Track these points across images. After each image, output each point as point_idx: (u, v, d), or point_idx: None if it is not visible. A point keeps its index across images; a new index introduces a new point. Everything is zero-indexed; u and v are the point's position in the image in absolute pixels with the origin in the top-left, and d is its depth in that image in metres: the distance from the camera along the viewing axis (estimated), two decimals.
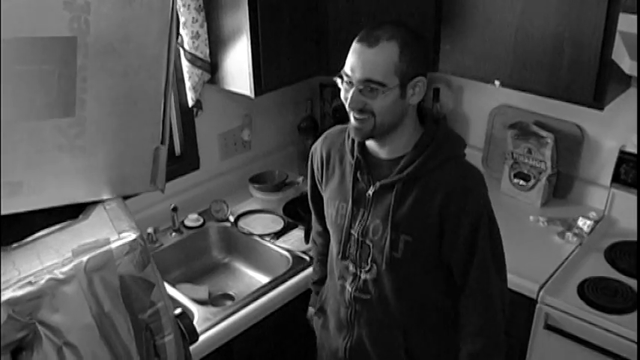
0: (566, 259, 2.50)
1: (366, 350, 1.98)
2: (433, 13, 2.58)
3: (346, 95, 1.74)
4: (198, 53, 2.51)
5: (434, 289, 1.90)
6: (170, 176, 2.70)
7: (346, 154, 1.91)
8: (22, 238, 1.09)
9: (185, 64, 2.54)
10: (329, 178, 1.98)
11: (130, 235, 1.05)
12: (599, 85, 2.25)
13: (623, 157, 2.62)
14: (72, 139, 1.09)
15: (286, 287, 2.38)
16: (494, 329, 1.86)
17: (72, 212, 1.15)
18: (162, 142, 1.16)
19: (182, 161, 2.80)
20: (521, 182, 2.87)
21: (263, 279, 2.55)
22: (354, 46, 1.71)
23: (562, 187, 2.87)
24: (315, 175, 2.08)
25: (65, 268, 1.02)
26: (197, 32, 2.47)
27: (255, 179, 2.94)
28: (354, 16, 2.57)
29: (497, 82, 2.49)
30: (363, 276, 1.90)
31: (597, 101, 2.29)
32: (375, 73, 1.67)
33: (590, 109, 2.34)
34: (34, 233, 1.10)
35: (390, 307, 1.89)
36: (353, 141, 1.88)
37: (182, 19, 2.42)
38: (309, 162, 2.11)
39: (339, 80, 1.76)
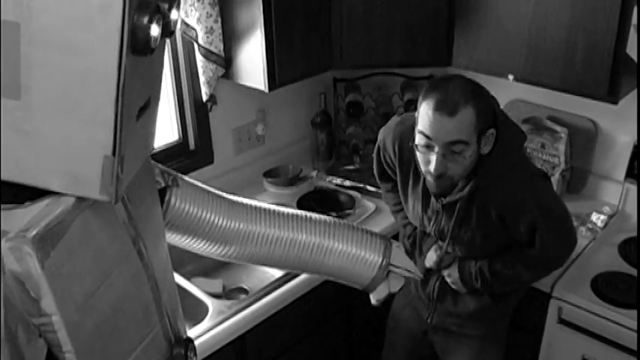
0: (580, 253, 2.50)
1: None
2: (446, 8, 2.58)
3: (426, 158, 1.87)
4: (212, 48, 2.52)
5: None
6: (184, 170, 2.72)
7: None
8: None
9: (199, 58, 2.55)
10: (404, 174, 2.14)
11: (22, 237, 1.02)
12: (613, 79, 2.25)
13: (637, 152, 2.60)
14: (18, 121, 1.06)
15: (300, 281, 2.38)
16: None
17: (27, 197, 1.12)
18: (113, 153, 1.11)
19: (196, 156, 2.81)
20: None
21: (277, 272, 2.55)
22: (433, 115, 1.79)
23: (576, 182, 2.87)
24: (389, 162, 2.21)
25: None
26: (211, 27, 2.48)
27: (269, 173, 2.95)
28: (367, 12, 2.57)
29: (510, 77, 2.48)
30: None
31: (611, 95, 2.29)
32: (459, 134, 1.79)
33: (604, 103, 2.34)
34: None
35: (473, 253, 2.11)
36: None
37: (196, 14, 2.44)
38: (378, 151, 2.24)
39: (417, 138, 1.87)
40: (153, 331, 1.35)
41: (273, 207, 1.77)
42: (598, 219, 2.62)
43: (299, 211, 1.80)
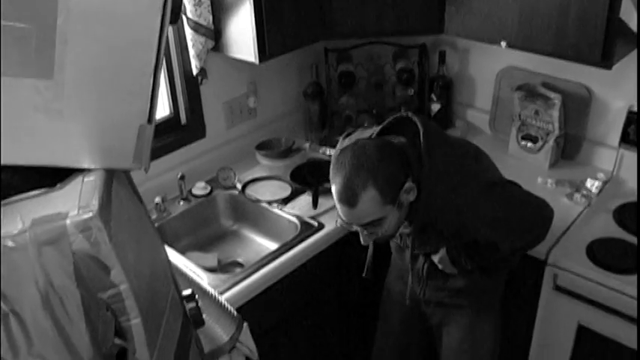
0: (575, 220, 2.50)
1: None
2: None
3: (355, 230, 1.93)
4: (201, 20, 2.49)
5: None
6: (176, 145, 2.74)
7: None
8: None
9: (188, 31, 2.52)
10: None
11: (88, 213, 1.02)
12: (606, 44, 2.22)
13: (632, 117, 2.59)
14: (49, 101, 1.06)
15: (295, 253, 2.38)
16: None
17: (52, 180, 1.13)
18: (149, 121, 1.12)
19: (188, 130, 2.79)
20: (529, 144, 2.86)
21: (271, 245, 2.55)
22: (338, 205, 1.84)
23: (570, 148, 2.86)
24: None
25: (18, 237, 1.00)
26: None
27: (262, 146, 2.93)
28: None
29: (503, 43, 2.46)
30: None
31: (605, 60, 2.26)
32: (369, 217, 1.83)
33: (597, 68, 2.31)
34: (9, 197, 1.08)
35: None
36: None
37: None
38: None
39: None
40: (171, 290, 1.38)
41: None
42: (592, 185, 2.62)
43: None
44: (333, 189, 1.82)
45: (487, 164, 2.02)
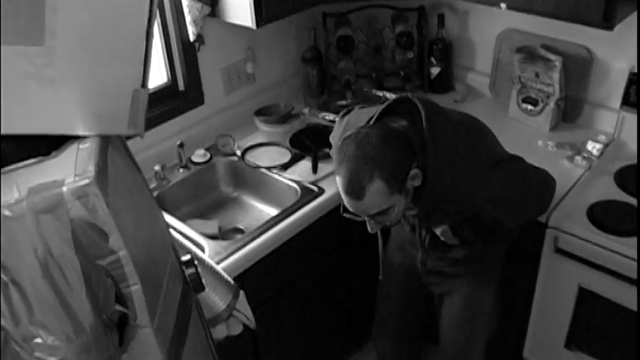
0: (576, 183, 2.49)
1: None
2: None
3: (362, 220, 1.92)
4: None
5: None
6: (175, 113, 2.72)
7: None
8: None
9: None
10: None
11: (84, 180, 1.01)
12: (608, 5, 2.19)
13: (633, 79, 2.57)
14: (40, 68, 1.04)
15: (295, 218, 2.38)
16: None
17: (47, 148, 1.12)
18: (143, 86, 1.11)
19: (186, 97, 2.77)
20: (530, 107, 2.84)
21: (272, 211, 2.55)
22: (344, 197, 1.82)
23: (571, 110, 2.84)
24: None
25: (15, 206, 1.00)
26: None
27: (261, 112, 2.92)
28: None
29: (503, 5, 2.43)
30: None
31: (606, 21, 2.23)
32: (377, 208, 1.81)
33: (598, 29, 2.29)
34: (4, 166, 1.07)
35: None
36: None
37: None
38: None
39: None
40: (170, 256, 1.38)
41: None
42: (594, 148, 2.60)
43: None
44: (339, 181, 1.80)
45: (490, 140, 2.01)
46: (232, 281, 1.79)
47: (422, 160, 1.82)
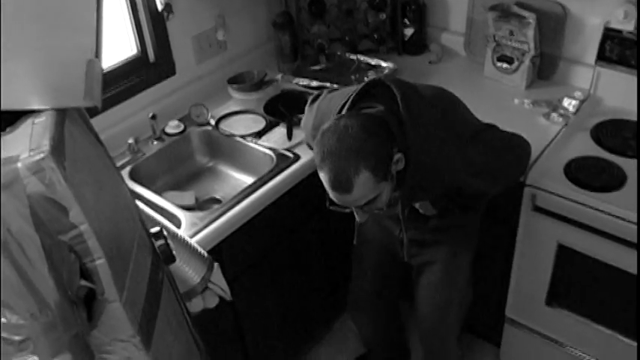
0: (553, 140, 2.48)
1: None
2: None
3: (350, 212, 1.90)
4: None
5: None
6: (146, 84, 2.67)
7: None
8: None
9: None
10: None
11: (39, 154, 0.99)
12: None
13: (608, 34, 2.55)
14: None
15: (272, 186, 2.35)
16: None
17: (1, 125, 1.09)
18: (96, 55, 1.08)
19: (157, 68, 2.72)
20: (505, 65, 2.82)
21: (248, 180, 2.52)
22: (331, 193, 1.78)
23: (546, 68, 2.82)
24: None
25: None
26: None
27: (234, 80, 2.88)
28: None
29: None
30: None
31: None
32: (365, 198, 1.78)
33: None
34: None
35: None
36: None
37: None
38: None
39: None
40: (138, 228, 1.35)
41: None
42: (570, 104, 2.59)
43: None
44: (323, 177, 1.76)
45: (463, 111, 1.99)
46: (206, 254, 1.77)
47: (402, 142, 1.80)
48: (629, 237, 2.16)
